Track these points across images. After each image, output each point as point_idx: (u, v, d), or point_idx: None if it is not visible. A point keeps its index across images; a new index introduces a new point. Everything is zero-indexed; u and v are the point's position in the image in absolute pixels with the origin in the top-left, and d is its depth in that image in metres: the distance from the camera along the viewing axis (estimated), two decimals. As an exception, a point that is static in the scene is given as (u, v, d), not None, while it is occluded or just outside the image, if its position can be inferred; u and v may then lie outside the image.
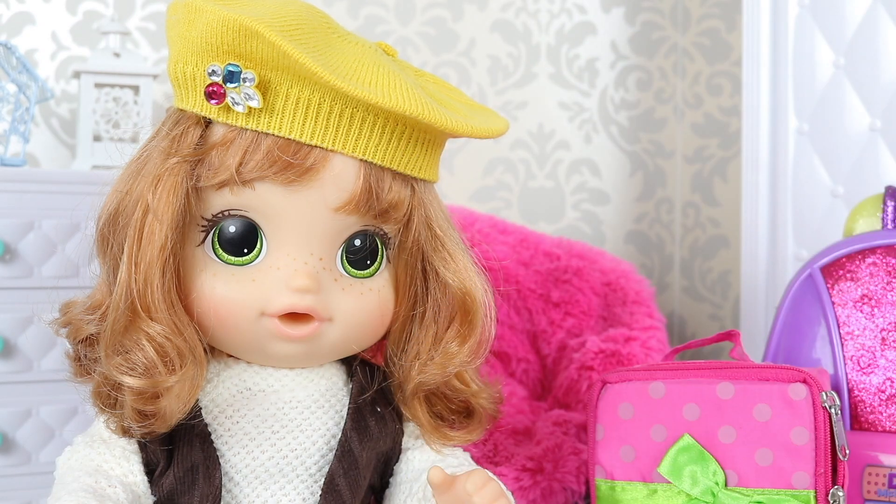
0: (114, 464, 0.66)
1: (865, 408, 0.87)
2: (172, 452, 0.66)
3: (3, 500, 0.98)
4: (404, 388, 0.70)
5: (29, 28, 1.28)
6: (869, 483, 0.84)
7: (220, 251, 0.65)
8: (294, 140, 0.62)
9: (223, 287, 0.64)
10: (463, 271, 0.68)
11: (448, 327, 0.69)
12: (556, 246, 1.21)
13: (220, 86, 0.62)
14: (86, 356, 0.67)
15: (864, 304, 0.88)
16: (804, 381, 0.74)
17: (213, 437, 0.67)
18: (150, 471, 0.67)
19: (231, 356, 0.69)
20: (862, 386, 0.87)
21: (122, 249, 0.64)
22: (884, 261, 0.88)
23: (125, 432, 0.66)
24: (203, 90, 0.63)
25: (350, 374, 0.71)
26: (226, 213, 0.65)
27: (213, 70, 0.62)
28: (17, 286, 0.98)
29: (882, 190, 0.96)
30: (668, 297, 1.62)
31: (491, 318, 0.70)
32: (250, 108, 0.62)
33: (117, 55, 1.16)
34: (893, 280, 0.88)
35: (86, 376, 0.68)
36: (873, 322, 0.87)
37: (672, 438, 0.76)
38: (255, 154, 0.62)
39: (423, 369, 0.68)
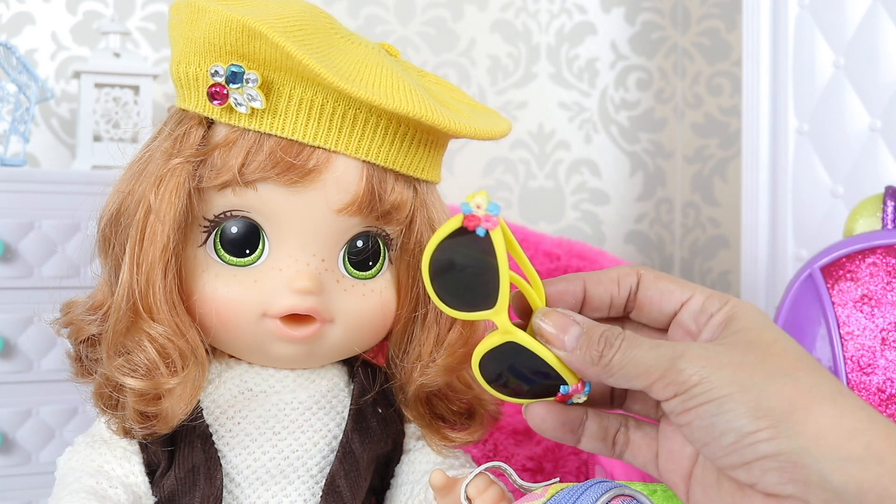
0: (115, 464, 0.66)
1: (866, 408, 0.87)
2: (174, 453, 0.66)
3: (3, 500, 0.98)
4: (406, 390, 0.70)
5: (29, 28, 1.28)
6: (869, 483, 0.84)
7: (222, 252, 0.65)
8: (297, 141, 0.62)
9: (225, 288, 0.64)
10: (465, 272, 0.68)
11: (450, 329, 0.68)
12: (556, 246, 1.21)
13: (223, 86, 0.62)
14: (87, 357, 0.67)
15: (864, 304, 0.88)
16: (805, 382, 0.74)
17: (214, 437, 0.67)
18: (151, 471, 0.67)
19: (232, 357, 0.69)
20: (862, 386, 0.87)
21: (124, 250, 0.63)
22: (884, 261, 0.88)
23: (126, 433, 0.66)
24: (206, 91, 0.63)
25: (351, 376, 0.71)
26: (228, 214, 0.65)
27: (215, 70, 0.62)
28: (17, 286, 0.98)
29: (882, 190, 0.96)
30: (668, 296, 1.62)
31: (493, 319, 0.70)
32: (253, 108, 0.62)
33: (117, 55, 1.16)
34: (893, 280, 0.88)
35: (87, 377, 0.68)
36: (873, 322, 0.87)
37: (673, 439, 0.76)
38: (257, 155, 0.62)
39: (424, 371, 0.68)
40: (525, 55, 1.54)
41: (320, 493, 0.67)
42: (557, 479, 0.63)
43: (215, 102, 0.63)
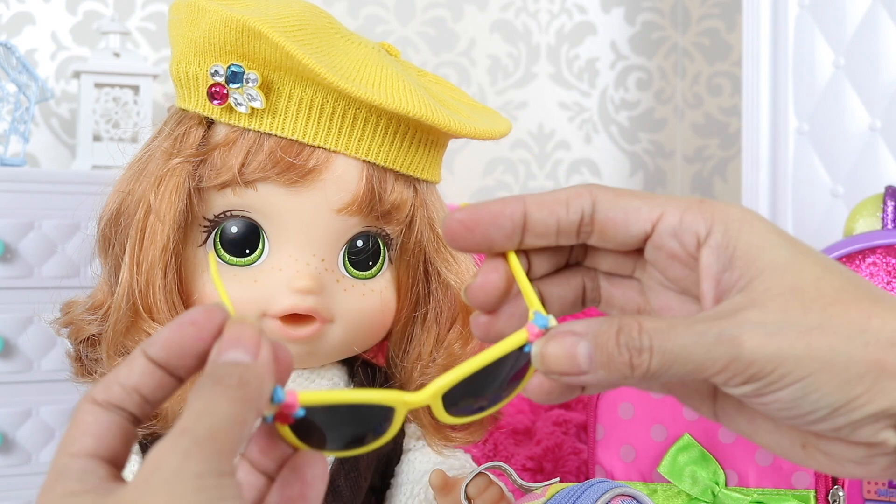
0: (115, 464, 0.66)
1: (866, 408, 0.86)
2: (174, 453, 0.66)
3: (3, 500, 0.98)
4: (406, 390, 0.70)
5: (29, 28, 1.28)
6: (869, 483, 0.84)
7: (222, 252, 0.65)
8: (296, 141, 0.62)
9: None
10: (465, 272, 0.68)
11: (450, 328, 0.68)
12: (556, 246, 1.21)
13: (223, 86, 0.62)
14: (87, 356, 0.67)
15: (864, 304, 0.88)
16: (805, 382, 0.74)
17: (214, 437, 0.67)
18: (151, 471, 0.67)
19: (232, 357, 0.69)
20: (862, 386, 0.87)
21: (124, 250, 0.63)
22: (884, 261, 0.88)
23: (126, 433, 0.66)
24: (206, 90, 0.63)
25: (351, 376, 0.71)
26: (228, 214, 0.64)
27: (215, 70, 0.62)
28: (17, 286, 0.98)
29: (882, 190, 0.96)
30: (668, 296, 1.62)
31: (493, 319, 0.70)
32: (253, 108, 0.62)
33: (117, 55, 1.16)
34: (893, 280, 0.87)
35: (87, 377, 0.68)
36: (873, 322, 0.87)
37: (672, 438, 0.76)
38: (257, 155, 0.62)
39: (424, 371, 0.68)
40: (525, 55, 1.54)
41: (320, 493, 0.67)
42: (557, 479, 0.63)
43: (215, 102, 0.62)
